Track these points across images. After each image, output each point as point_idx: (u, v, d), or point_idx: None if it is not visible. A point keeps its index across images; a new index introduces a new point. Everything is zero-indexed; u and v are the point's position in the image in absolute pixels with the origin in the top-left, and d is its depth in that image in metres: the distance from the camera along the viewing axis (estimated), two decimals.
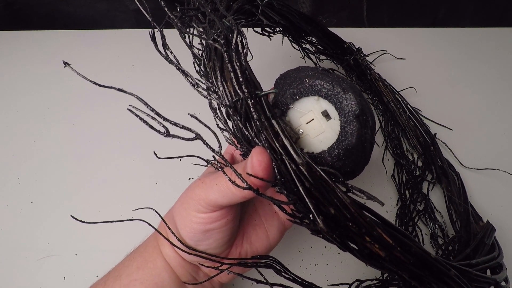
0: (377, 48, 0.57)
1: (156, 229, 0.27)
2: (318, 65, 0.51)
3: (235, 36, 0.22)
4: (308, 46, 0.48)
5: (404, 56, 0.58)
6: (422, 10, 0.66)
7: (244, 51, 0.22)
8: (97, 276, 0.37)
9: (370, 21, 0.66)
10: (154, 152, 0.28)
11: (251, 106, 0.21)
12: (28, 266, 0.38)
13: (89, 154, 0.48)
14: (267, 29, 0.40)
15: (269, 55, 0.58)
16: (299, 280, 0.27)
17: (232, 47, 0.22)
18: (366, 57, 0.53)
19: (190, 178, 0.45)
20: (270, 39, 0.42)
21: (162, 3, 0.26)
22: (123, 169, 0.46)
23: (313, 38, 0.46)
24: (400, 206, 0.41)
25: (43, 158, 0.48)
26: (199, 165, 0.29)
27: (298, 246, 0.39)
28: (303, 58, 0.48)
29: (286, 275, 0.27)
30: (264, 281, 0.26)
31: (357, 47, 0.52)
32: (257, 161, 0.20)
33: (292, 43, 0.46)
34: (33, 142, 0.49)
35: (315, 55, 0.49)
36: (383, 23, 0.66)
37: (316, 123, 0.24)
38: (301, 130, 0.25)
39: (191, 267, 0.28)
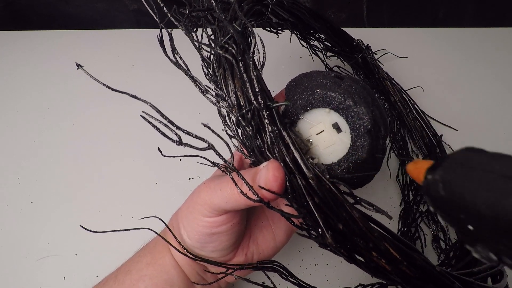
0: (377, 48, 0.57)
1: (163, 237, 0.27)
2: (329, 70, 0.49)
3: (253, 44, 0.22)
4: (316, 43, 0.47)
5: (403, 56, 0.58)
6: (422, 10, 0.66)
7: (262, 60, 0.22)
8: (97, 276, 0.37)
9: (370, 21, 0.65)
10: (159, 149, 0.27)
11: (265, 117, 0.21)
12: (28, 266, 0.38)
13: (89, 154, 0.47)
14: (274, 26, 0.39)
15: (269, 54, 0.57)
16: (305, 284, 0.27)
17: (250, 55, 0.22)
18: (375, 54, 0.53)
19: (190, 178, 0.45)
20: (278, 35, 0.41)
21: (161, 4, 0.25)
22: (123, 169, 0.46)
23: (321, 35, 0.45)
24: (404, 207, 0.42)
25: (43, 158, 0.47)
26: (205, 164, 0.29)
27: (298, 246, 0.39)
28: (311, 55, 0.47)
29: (292, 280, 0.27)
30: (272, 286, 0.26)
31: (366, 44, 0.51)
32: (273, 176, 0.20)
33: (300, 40, 0.45)
34: (33, 142, 0.49)
35: (323, 52, 0.48)
36: (383, 23, 0.66)
37: (326, 135, 0.24)
38: (311, 140, 0.25)
39: (198, 267, 0.28)
